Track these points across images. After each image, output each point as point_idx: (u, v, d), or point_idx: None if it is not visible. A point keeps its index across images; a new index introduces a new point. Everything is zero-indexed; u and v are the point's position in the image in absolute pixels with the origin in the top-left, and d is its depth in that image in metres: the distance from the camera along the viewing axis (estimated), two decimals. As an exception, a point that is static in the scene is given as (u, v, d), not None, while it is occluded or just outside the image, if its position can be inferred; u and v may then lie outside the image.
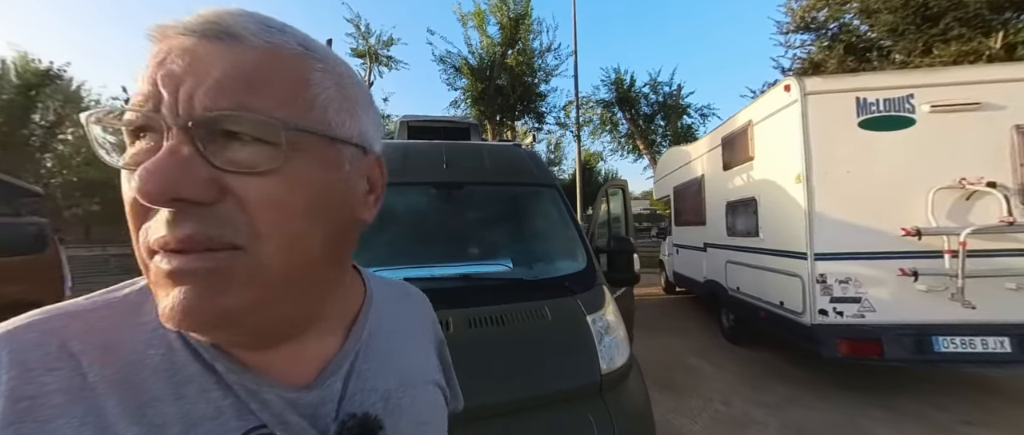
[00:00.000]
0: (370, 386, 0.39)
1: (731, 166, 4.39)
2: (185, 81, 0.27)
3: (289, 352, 0.35)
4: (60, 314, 0.32)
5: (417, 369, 0.45)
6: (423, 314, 0.53)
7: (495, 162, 2.69)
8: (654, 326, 5.59)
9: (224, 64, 0.28)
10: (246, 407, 0.32)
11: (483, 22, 10.25)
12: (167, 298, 0.28)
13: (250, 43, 0.29)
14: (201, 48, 0.28)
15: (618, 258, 2.52)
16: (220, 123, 0.28)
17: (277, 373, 0.34)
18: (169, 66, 0.28)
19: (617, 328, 1.92)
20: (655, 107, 12.30)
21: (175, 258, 0.28)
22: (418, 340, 0.49)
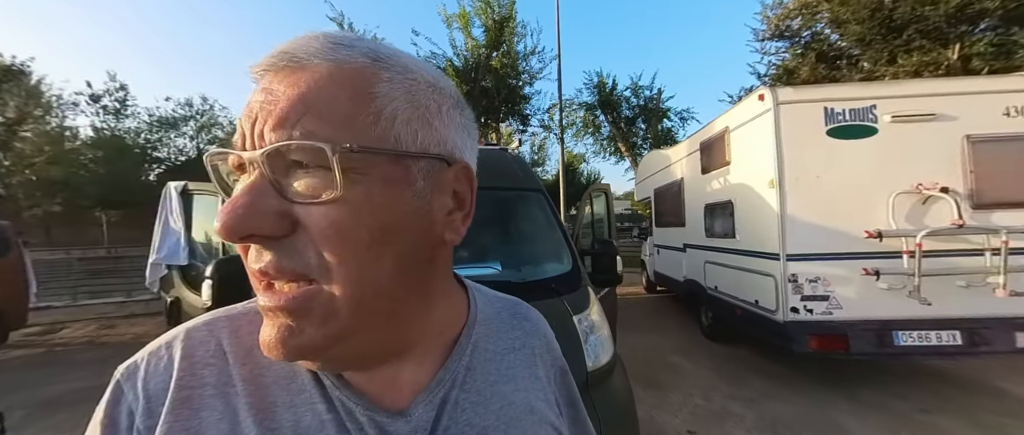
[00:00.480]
0: (466, 420, 0.36)
1: (709, 170, 4.56)
2: (259, 117, 0.28)
3: (384, 375, 0.35)
4: (225, 316, 0.36)
5: (524, 407, 0.39)
6: (539, 339, 0.46)
7: (482, 167, 2.73)
8: (637, 325, 5.74)
9: (289, 92, 0.28)
10: (343, 425, 0.33)
11: (468, 24, 10.26)
12: (263, 330, 0.30)
13: (312, 65, 0.29)
14: (274, 81, 0.29)
15: (602, 260, 2.61)
16: (283, 154, 0.28)
17: (374, 394, 0.34)
18: (251, 104, 0.29)
19: (601, 327, 2.00)
20: (636, 111, 12.58)
21: (265, 294, 0.30)
22: (530, 370, 0.43)
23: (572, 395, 0.47)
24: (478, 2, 10.19)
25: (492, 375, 0.39)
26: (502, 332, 0.43)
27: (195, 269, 2.72)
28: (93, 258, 10.38)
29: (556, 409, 0.43)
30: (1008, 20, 7.18)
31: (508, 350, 0.42)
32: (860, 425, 2.89)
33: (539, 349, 0.45)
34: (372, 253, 0.29)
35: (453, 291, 0.42)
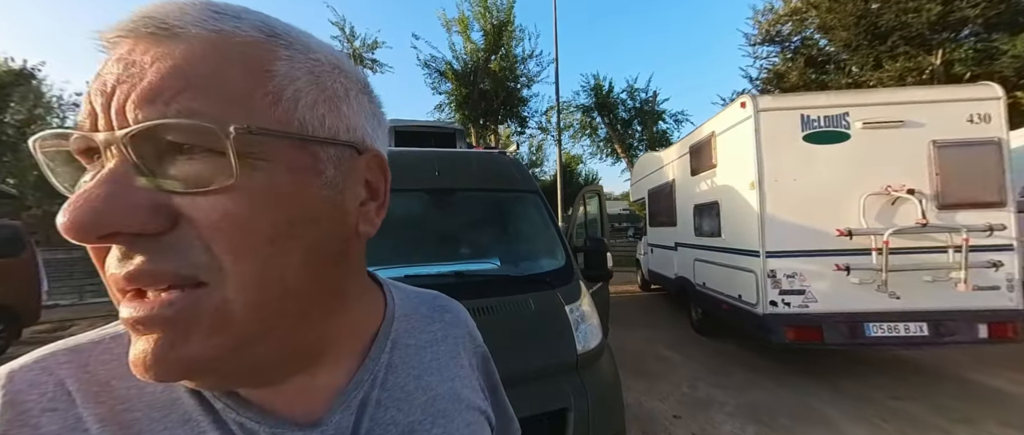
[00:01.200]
0: (389, 418, 0.34)
1: (698, 172, 4.79)
2: (116, 92, 0.23)
3: (294, 386, 0.31)
4: (64, 350, 0.29)
5: (451, 397, 0.39)
6: (459, 330, 0.46)
7: (482, 169, 2.96)
8: (630, 321, 5.97)
9: (160, 64, 0.24)
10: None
11: (467, 28, 10.50)
12: (133, 347, 0.25)
13: (188, 34, 0.24)
14: (136, 50, 0.24)
15: (593, 257, 2.83)
16: (157, 134, 0.23)
17: (282, 409, 0.31)
18: (102, 76, 0.24)
19: (591, 317, 2.21)
20: (632, 112, 12.84)
21: (131, 304, 0.24)
22: (454, 359, 0.42)
23: (494, 381, 0.48)
24: (477, 7, 10.43)
25: (416, 368, 0.38)
26: (422, 326, 0.42)
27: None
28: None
29: (482, 394, 0.43)
30: (990, 26, 7.46)
31: (430, 342, 0.41)
32: (837, 412, 3.11)
33: (461, 338, 0.45)
34: (276, 247, 0.26)
35: (368, 288, 0.40)
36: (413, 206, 2.71)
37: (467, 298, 2.12)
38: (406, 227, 2.68)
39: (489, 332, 1.93)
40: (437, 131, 5.06)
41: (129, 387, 0.29)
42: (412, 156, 3.03)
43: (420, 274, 2.23)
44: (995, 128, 3.27)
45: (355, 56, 10.71)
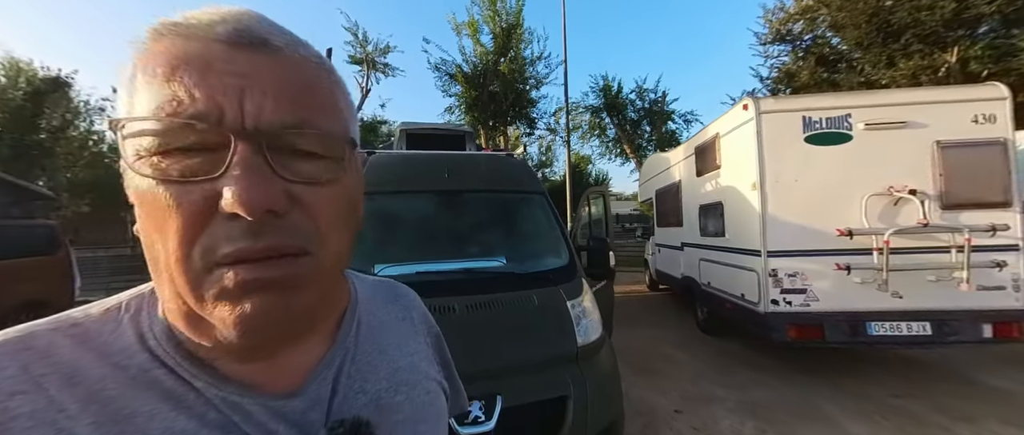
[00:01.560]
0: (358, 388, 0.38)
1: (703, 173, 4.85)
2: (247, 96, 0.27)
3: (276, 363, 0.34)
4: (20, 337, 0.30)
5: (411, 368, 0.43)
6: (415, 312, 0.50)
7: (490, 171, 3.09)
8: (637, 320, 6.04)
9: (274, 77, 0.28)
10: (228, 420, 0.31)
11: (477, 31, 10.67)
12: (236, 308, 0.28)
13: (287, 55, 0.29)
14: (241, 58, 0.28)
15: (596, 256, 2.93)
16: (286, 137, 0.28)
17: (263, 383, 0.33)
18: (221, 78, 0.27)
19: (592, 312, 2.33)
20: (641, 113, 12.86)
21: (256, 267, 0.28)
22: (411, 338, 0.47)
23: (446, 358, 0.52)
24: (487, 10, 10.59)
25: (379, 344, 0.42)
26: (382, 308, 0.46)
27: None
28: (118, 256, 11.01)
29: (437, 368, 0.48)
30: (1007, 23, 7.31)
31: (390, 321, 0.46)
32: (837, 409, 3.16)
33: (417, 320, 0.50)
34: (347, 226, 0.33)
35: None
36: (424, 207, 2.86)
37: (475, 293, 2.26)
38: (417, 226, 2.83)
39: (494, 325, 2.07)
40: (447, 133, 5.21)
41: (101, 368, 0.30)
42: (423, 159, 3.18)
43: (430, 270, 2.37)
44: (1000, 128, 3.28)
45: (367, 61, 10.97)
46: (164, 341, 0.31)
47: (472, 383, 1.85)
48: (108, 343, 0.31)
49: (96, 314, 0.33)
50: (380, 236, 2.68)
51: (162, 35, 0.28)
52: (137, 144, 0.27)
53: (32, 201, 6.84)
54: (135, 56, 0.28)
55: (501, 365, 1.94)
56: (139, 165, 0.27)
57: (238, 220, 0.27)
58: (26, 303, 5.28)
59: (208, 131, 0.26)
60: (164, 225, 0.27)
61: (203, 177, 0.26)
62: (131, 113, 0.27)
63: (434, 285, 2.24)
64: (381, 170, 2.85)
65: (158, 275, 0.29)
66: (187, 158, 0.27)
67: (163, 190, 0.26)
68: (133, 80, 0.27)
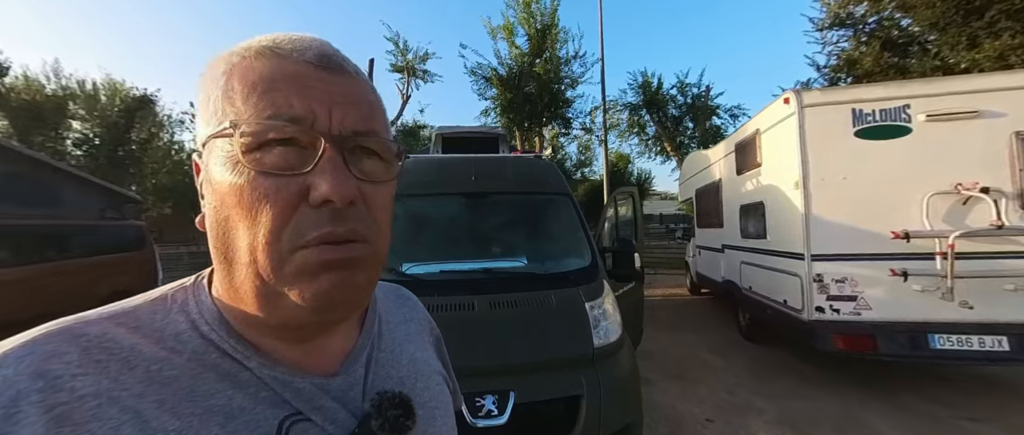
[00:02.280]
0: (386, 373, 0.42)
1: (743, 171, 4.60)
2: (333, 107, 0.32)
3: (317, 346, 0.38)
4: (73, 325, 0.32)
5: (424, 361, 0.48)
6: (420, 314, 0.55)
7: (516, 174, 3.15)
8: (673, 324, 5.84)
9: (350, 94, 0.34)
10: (280, 397, 0.34)
11: (512, 34, 10.77)
12: (315, 282, 0.32)
13: (354, 76, 0.35)
14: (327, 78, 0.33)
15: (621, 258, 2.90)
16: (360, 142, 0.34)
17: (307, 366, 0.37)
18: (314, 92, 0.32)
19: (612, 314, 2.32)
20: (683, 109, 12.31)
21: (336, 249, 0.32)
22: (421, 336, 0.52)
23: (445, 359, 0.57)
24: (521, 13, 10.65)
25: (398, 339, 0.47)
26: (395, 308, 0.51)
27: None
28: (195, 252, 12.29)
29: (440, 366, 0.53)
30: None
31: (403, 321, 0.51)
32: (889, 426, 2.89)
33: (423, 321, 0.55)
34: (389, 220, 0.38)
35: None
36: (451, 208, 2.98)
37: (495, 292, 2.34)
38: (444, 227, 2.95)
39: (511, 323, 2.14)
40: (481, 136, 5.35)
41: (158, 352, 0.32)
42: (452, 163, 3.31)
43: (453, 269, 2.48)
44: (1100, 116, 2.85)
45: (408, 68, 11.43)
46: (217, 327, 0.35)
47: (487, 377, 1.93)
48: (160, 330, 0.33)
49: (144, 304, 0.35)
50: (409, 236, 2.82)
51: (261, 55, 0.33)
52: (244, 142, 0.31)
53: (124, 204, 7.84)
54: (230, 69, 0.33)
55: (516, 362, 1.99)
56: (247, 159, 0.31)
57: (325, 208, 0.31)
58: (117, 292, 6.04)
59: (304, 132, 0.31)
60: (257, 212, 0.31)
61: (296, 172, 0.31)
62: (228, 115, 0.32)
63: (456, 284, 2.34)
64: (411, 174, 3.01)
65: (232, 260, 0.33)
66: (282, 155, 0.31)
67: (263, 181, 0.31)
68: (230, 88, 0.32)
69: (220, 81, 0.33)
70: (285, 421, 0.34)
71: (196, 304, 0.36)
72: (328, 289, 0.32)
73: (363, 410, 0.38)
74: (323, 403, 0.36)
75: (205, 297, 0.36)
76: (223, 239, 0.33)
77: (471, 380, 1.89)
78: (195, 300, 0.36)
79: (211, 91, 0.33)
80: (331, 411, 0.36)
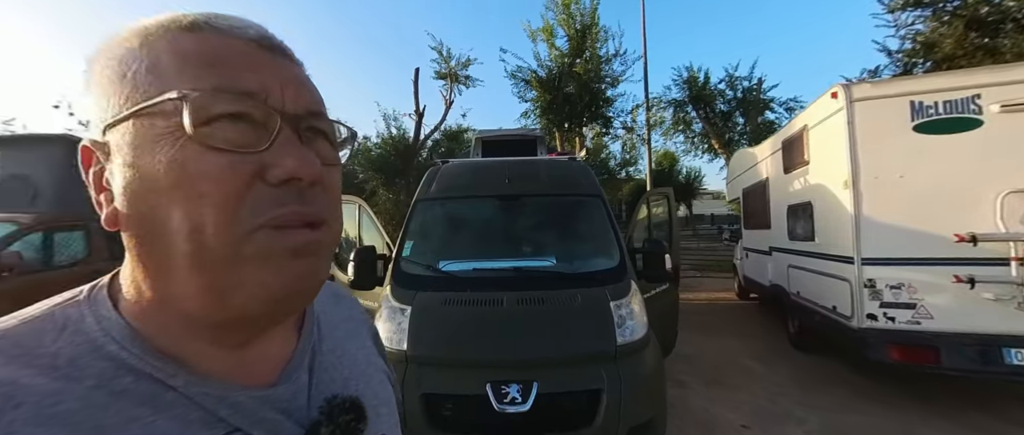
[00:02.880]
0: (330, 377, 0.40)
1: (791, 169, 4.37)
2: (285, 85, 0.31)
3: (253, 354, 0.34)
4: None
5: (365, 359, 0.46)
6: (358, 311, 0.53)
7: (549, 176, 3.28)
8: (716, 329, 5.63)
9: (296, 74, 0.33)
10: (214, 416, 0.30)
11: (552, 36, 10.84)
12: (284, 271, 0.29)
13: (296, 61, 0.35)
14: (273, 58, 0.32)
15: (651, 258, 2.93)
16: (313, 123, 0.32)
17: (242, 377, 0.33)
18: (260, 70, 0.30)
19: (638, 314, 2.38)
20: (732, 104, 11.66)
21: (306, 232, 0.30)
22: (360, 332, 0.50)
23: (384, 354, 0.54)
24: (561, 14, 10.69)
25: (338, 338, 0.45)
26: (332, 306, 0.48)
27: (342, 255, 3.76)
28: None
29: (382, 362, 0.51)
30: None
31: (342, 320, 0.48)
32: (955, 446, 2.67)
33: (360, 319, 0.52)
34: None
35: None
36: (485, 210, 3.17)
37: (523, 289, 2.52)
38: (479, 228, 3.15)
39: (536, 319, 2.32)
40: (519, 138, 5.51)
41: (49, 384, 0.26)
42: (487, 166, 3.50)
43: (484, 267, 2.66)
44: None
45: (451, 75, 11.86)
46: (129, 344, 0.29)
47: (512, 369, 2.09)
48: (50, 355, 0.28)
49: (19, 325, 0.29)
50: (446, 236, 3.05)
51: (195, 28, 0.30)
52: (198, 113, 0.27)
53: None
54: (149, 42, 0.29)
55: (540, 355, 2.12)
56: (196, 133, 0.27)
57: (287, 187, 0.29)
58: None
59: (257, 107, 0.29)
60: (205, 191, 0.27)
61: (251, 150, 0.28)
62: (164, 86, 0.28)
63: (487, 280, 2.52)
64: (449, 178, 3.24)
65: (165, 253, 0.28)
66: (234, 130, 0.28)
67: (213, 157, 0.27)
68: (157, 61, 0.29)
69: (139, 53, 0.29)
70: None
71: (96, 320, 0.30)
72: (294, 279, 0.30)
73: (312, 418, 0.35)
74: (265, 415, 0.32)
75: (108, 312, 0.31)
76: (149, 230, 0.29)
77: (497, 370, 2.06)
78: (94, 316, 0.30)
79: (125, 65, 0.29)
80: (274, 423, 0.33)
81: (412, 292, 2.38)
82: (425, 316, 2.26)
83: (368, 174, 12.15)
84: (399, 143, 12.27)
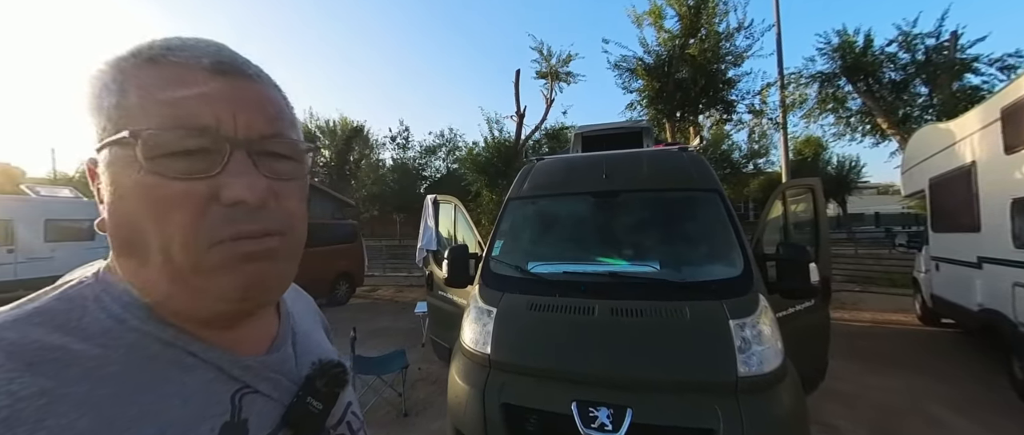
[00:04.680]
0: (306, 351, 0.46)
1: (1017, 148, 3.09)
2: (238, 112, 0.34)
3: (246, 332, 0.41)
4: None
5: (326, 346, 0.52)
6: (313, 306, 0.59)
7: (653, 169, 2.89)
8: (885, 360, 4.38)
9: (254, 97, 0.35)
10: (227, 375, 0.37)
11: (660, 17, 9.85)
12: (238, 276, 0.34)
13: (260, 80, 0.37)
14: (228, 83, 0.34)
15: (789, 267, 2.36)
16: (268, 145, 0.35)
17: (242, 348, 0.40)
18: (215, 98, 0.33)
19: (769, 338, 1.91)
20: (909, 70, 8.93)
21: (256, 241, 0.34)
22: (317, 326, 0.56)
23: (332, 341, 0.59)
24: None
25: (306, 326, 0.51)
26: (293, 299, 0.53)
27: (440, 252, 3.94)
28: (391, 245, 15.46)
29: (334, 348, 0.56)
30: None
31: (304, 312, 0.54)
32: None
33: (316, 312, 0.59)
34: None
35: None
36: (580, 209, 2.93)
37: (619, 297, 2.23)
38: (571, 228, 2.93)
39: (633, 333, 2.01)
40: (623, 131, 5.08)
41: (91, 349, 0.31)
42: (582, 161, 3.25)
43: (575, 271, 2.44)
44: None
45: (552, 73, 11.76)
46: (146, 319, 0.34)
47: (602, 388, 1.84)
48: (85, 328, 0.32)
49: (51, 302, 0.33)
50: (537, 237, 2.90)
51: (154, 62, 0.33)
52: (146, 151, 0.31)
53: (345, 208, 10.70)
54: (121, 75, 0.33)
55: (636, 376, 1.83)
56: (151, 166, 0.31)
57: (239, 207, 0.33)
58: (341, 272, 8.22)
59: (209, 139, 0.32)
60: (168, 214, 0.32)
61: (204, 175, 0.32)
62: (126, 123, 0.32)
63: (577, 286, 2.28)
64: (542, 175, 3.08)
65: (144, 261, 0.34)
66: (188, 161, 0.32)
67: (170, 184, 0.31)
68: (124, 97, 0.32)
69: (112, 87, 0.33)
70: (236, 394, 0.37)
71: (113, 300, 0.35)
72: (250, 278, 0.35)
73: (304, 375, 0.43)
74: (267, 375, 0.40)
75: (122, 293, 0.35)
76: (130, 242, 0.34)
77: (584, 388, 1.83)
78: (110, 296, 0.35)
79: (103, 98, 0.33)
80: (275, 381, 0.40)
81: (499, 293, 2.29)
82: (510, 319, 2.14)
83: (473, 176, 12.82)
84: (501, 145, 12.66)
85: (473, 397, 1.94)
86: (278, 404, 0.40)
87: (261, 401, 0.39)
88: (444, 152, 24.46)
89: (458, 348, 2.27)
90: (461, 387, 2.02)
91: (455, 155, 23.68)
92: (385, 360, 3.44)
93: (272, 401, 0.40)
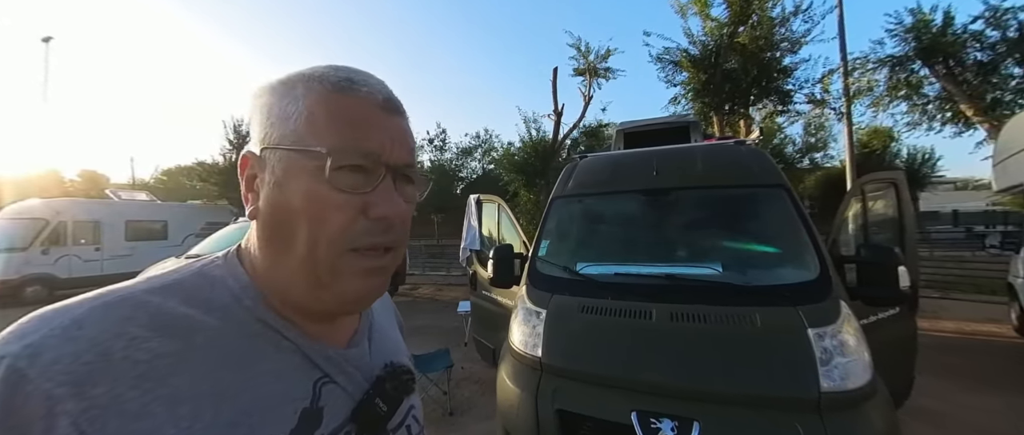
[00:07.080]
0: (379, 347, 0.51)
1: None
2: (393, 143, 0.40)
3: (335, 325, 0.46)
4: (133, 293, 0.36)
5: (399, 343, 0.58)
6: (389, 304, 0.63)
7: (709, 164, 2.71)
8: (980, 378, 3.89)
9: (404, 132, 0.43)
10: (312, 363, 0.41)
11: (706, 6, 9.33)
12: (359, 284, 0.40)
13: (404, 116, 0.44)
14: (389, 118, 0.41)
15: (872, 271, 2.13)
16: (405, 172, 0.42)
17: (330, 339, 0.45)
18: (382, 130, 0.40)
19: (855, 350, 1.72)
20: (999, 49, 7.86)
21: (380, 256, 0.41)
22: (392, 324, 0.60)
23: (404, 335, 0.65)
24: (718, -22, 9.15)
25: (382, 325, 0.56)
26: None
27: (484, 252, 3.92)
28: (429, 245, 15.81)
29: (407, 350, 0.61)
30: None
31: (379, 310, 0.58)
32: None
33: (393, 311, 0.64)
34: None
35: None
36: (630, 207, 2.80)
37: (679, 301, 2.08)
38: (621, 227, 2.80)
39: (696, 340, 1.87)
40: (667, 127, 4.85)
41: (212, 321, 0.37)
42: (631, 158, 3.11)
43: (629, 272, 2.32)
44: None
45: (590, 70, 11.48)
46: (257, 302, 0.40)
47: (665, 399, 1.72)
48: (207, 302, 0.38)
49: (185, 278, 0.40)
50: (584, 237, 2.80)
51: (340, 90, 0.40)
52: (335, 163, 0.38)
53: None
54: (308, 94, 0.39)
55: (702, 388, 1.70)
56: (330, 176, 0.37)
57: (380, 222, 0.40)
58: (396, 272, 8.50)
59: (372, 162, 0.40)
60: (327, 217, 0.38)
61: (361, 191, 0.39)
62: (315, 139, 0.38)
63: (632, 288, 2.17)
64: (587, 173, 2.97)
65: (287, 251, 0.39)
66: (354, 177, 0.39)
67: (337, 195, 0.38)
68: (313, 115, 0.39)
69: (300, 103, 0.39)
70: (317, 382, 0.41)
71: (234, 280, 0.41)
72: (368, 290, 0.41)
73: (376, 375, 0.47)
74: (345, 368, 0.44)
75: (243, 276, 0.41)
76: (281, 232, 0.39)
77: (646, 398, 1.72)
78: (233, 278, 0.41)
79: (289, 108, 0.39)
80: (351, 375, 0.45)
81: (548, 294, 2.22)
82: (561, 322, 2.07)
83: (510, 175, 12.79)
84: (539, 145, 12.55)
85: (525, 401, 1.88)
86: (350, 398, 0.44)
87: (337, 392, 0.43)
88: (479, 153, 24.70)
89: (507, 349, 2.23)
90: (512, 390, 1.97)
91: (491, 156, 23.94)
92: (431, 359, 3.47)
93: (346, 394, 0.43)
